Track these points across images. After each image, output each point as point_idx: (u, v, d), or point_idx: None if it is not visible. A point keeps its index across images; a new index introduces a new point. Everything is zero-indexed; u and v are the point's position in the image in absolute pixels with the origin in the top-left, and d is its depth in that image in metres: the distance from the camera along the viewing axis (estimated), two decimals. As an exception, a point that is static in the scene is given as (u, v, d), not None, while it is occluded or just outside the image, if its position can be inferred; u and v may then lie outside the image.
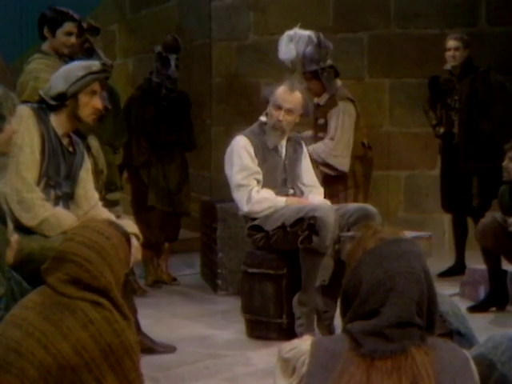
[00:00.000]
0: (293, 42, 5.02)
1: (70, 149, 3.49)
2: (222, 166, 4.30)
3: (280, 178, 4.19)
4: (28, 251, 3.10)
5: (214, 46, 7.12)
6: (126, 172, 5.58)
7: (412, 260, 1.79)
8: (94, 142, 4.34)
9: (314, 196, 4.28)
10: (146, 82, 5.58)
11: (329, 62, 5.07)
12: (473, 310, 4.61)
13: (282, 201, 4.07)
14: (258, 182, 4.11)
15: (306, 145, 4.53)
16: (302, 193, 4.29)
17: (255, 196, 4.05)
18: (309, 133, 5.14)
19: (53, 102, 3.41)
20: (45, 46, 4.37)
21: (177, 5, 7.65)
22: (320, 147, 4.98)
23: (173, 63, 5.39)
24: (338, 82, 5.17)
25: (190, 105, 5.68)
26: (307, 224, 3.89)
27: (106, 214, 3.55)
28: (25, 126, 3.31)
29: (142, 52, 7.50)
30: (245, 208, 4.09)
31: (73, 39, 4.36)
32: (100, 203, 3.63)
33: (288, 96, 4.12)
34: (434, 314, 1.81)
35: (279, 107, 4.11)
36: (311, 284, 4.02)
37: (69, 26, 4.34)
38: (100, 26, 4.72)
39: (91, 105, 3.45)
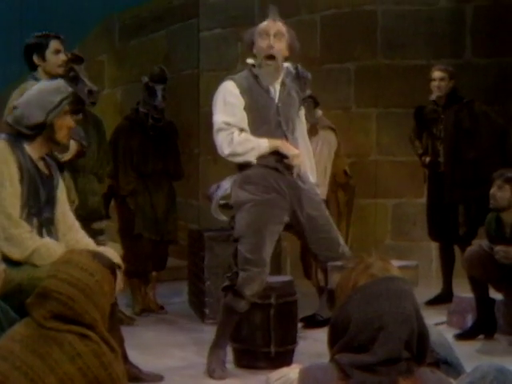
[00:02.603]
0: None
1: (46, 172, 3.43)
2: (210, 195, 4.29)
3: (274, 120, 3.96)
4: (17, 282, 3.07)
5: (202, 76, 7.17)
6: (114, 200, 5.59)
7: (402, 299, 1.80)
8: (65, 172, 4.35)
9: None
10: (133, 112, 5.63)
11: (308, 92, 5.10)
12: (460, 337, 4.62)
13: (264, 142, 3.82)
14: (242, 130, 3.84)
15: None
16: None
17: (236, 137, 3.80)
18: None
19: (29, 132, 3.34)
20: (37, 74, 4.39)
21: (165, 35, 7.72)
22: None
23: (159, 94, 5.42)
24: (319, 112, 5.20)
25: (176, 134, 5.71)
26: (235, 275, 3.87)
27: (85, 239, 3.50)
28: (1, 159, 3.26)
29: (130, 82, 7.54)
30: (226, 150, 3.82)
31: (62, 56, 4.39)
32: (77, 224, 3.54)
33: (272, 23, 3.95)
34: (425, 349, 1.82)
35: (267, 34, 3.90)
36: (221, 340, 4.03)
37: (55, 44, 4.38)
38: (84, 56, 4.77)
39: (65, 126, 3.39)
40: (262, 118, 3.94)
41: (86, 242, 3.45)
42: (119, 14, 8.19)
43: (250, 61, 4.01)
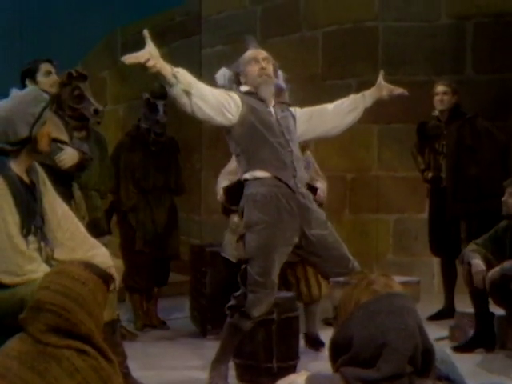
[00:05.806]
0: None
1: (29, 182, 3.34)
2: (212, 210, 4.31)
3: (278, 130, 4.00)
4: (20, 296, 3.03)
5: (204, 92, 7.19)
6: (115, 216, 5.60)
7: (405, 315, 1.80)
8: (76, 190, 4.35)
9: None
10: (135, 128, 5.65)
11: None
12: (458, 349, 4.61)
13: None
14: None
15: None
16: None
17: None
18: None
19: (13, 148, 3.27)
20: None
21: (168, 52, 7.73)
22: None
23: (161, 109, 5.43)
24: None
25: (178, 150, 5.73)
26: (243, 295, 3.88)
27: (97, 257, 3.47)
28: None
29: (132, 98, 7.56)
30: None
31: (53, 77, 4.43)
32: (89, 239, 3.46)
33: (257, 50, 4.10)
34: (431, 364, 1.83)
35: (256, 60, 4.04)
36: (224, 356, 4.01)
37: (45, 67, 4.44)
38: (87, 73, 4.80)
39: (46, 134, 3.35)
40: (265, 127, 3.97)
41: (98, 260, 3.32)
42: (121, 31, 8.24)
43: (244, 88, 4.05)
